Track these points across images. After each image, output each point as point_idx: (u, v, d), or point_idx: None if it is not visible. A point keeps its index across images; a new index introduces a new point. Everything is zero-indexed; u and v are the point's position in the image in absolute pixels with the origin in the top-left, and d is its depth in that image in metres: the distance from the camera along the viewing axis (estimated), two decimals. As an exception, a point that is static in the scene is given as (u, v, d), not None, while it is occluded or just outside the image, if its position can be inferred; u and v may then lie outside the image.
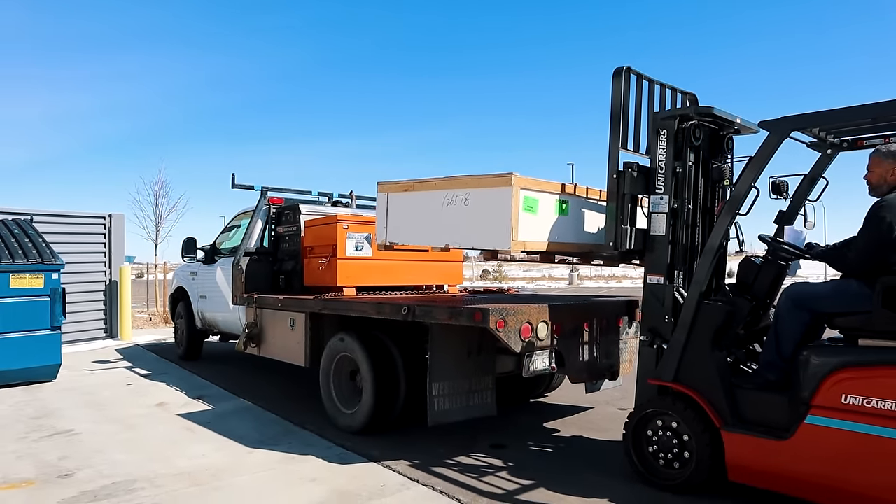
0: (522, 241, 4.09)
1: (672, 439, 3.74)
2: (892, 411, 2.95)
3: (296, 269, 6.75)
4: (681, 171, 3.95)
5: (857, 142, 3.89)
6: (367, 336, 5.03)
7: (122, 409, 5.90)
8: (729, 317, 3.69)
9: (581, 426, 5.27)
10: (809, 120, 3.55)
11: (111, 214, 11.08)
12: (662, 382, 3.81)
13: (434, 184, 4.54)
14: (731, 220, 3.77)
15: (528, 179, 4.12)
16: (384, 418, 4.92)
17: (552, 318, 4.18)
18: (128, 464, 4.27)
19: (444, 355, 4.43)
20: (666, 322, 3.87)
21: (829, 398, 3.14)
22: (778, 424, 3.36)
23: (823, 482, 3.17)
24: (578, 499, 3.66)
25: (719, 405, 3.56)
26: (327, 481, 3.94)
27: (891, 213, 3.25)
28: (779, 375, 3.52)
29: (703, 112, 3.89)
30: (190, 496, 3.69)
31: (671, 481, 3.71)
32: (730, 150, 4.19)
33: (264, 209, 7.12)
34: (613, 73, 4.10)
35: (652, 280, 3.97)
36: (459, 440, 4.79)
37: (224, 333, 8.10)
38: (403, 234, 4.85)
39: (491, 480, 3.97)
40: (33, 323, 6.96)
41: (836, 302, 3.42)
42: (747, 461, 3.44)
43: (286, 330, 5.98)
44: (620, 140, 4.10)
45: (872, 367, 3.07)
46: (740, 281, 3.96)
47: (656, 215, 3.96)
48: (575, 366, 4.56)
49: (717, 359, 3.64)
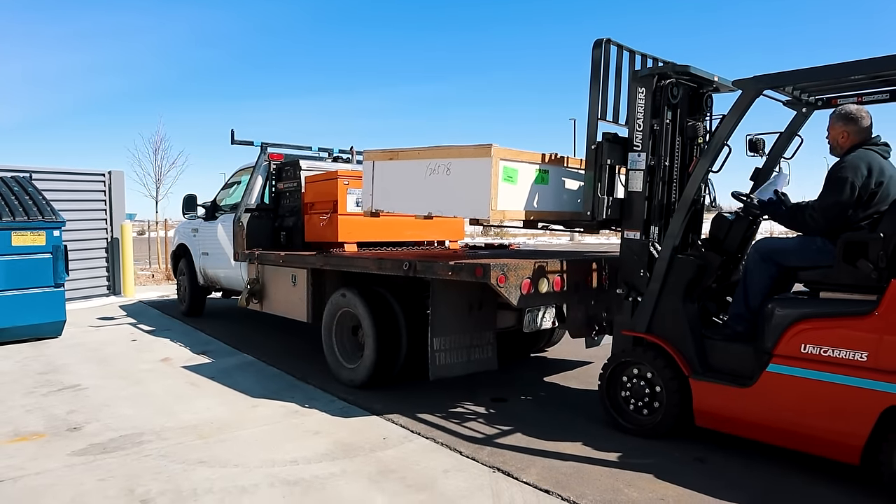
0: (502, 211, 4.16)
1: (644, 387, 3.93)
2: (845, 359, 3.12)
3: (297, 226, 6.73)
4: (658, 128, 4.03)
5: (830, 100, 3.95)
6: (369, 291, 5.05)
7: (128, 365, 5.98)
8: (700, 270, 3.83)
9: (581, 380, 5.33)
10: (780, 79, 3.60)
11: (111, 171, 11.01)
12: (636, 333, 3.97)
13: (418, 153, 4.62)
14: (704, 177, 3.86)
15: (507, 150, 4.17)
16: (386, 373, 4.98)
17: (553, 274, 4.19)
18: (134, 417, 4.34)
19: (445, 310, 4.45)
20: (641, 276, 4.01)
21: (789, 348, 3.31)
22: (742, 373, 3.55)
23: (782, 426, 3.36)
24: (578, 450, 3.73)
25: (688, 354, 3.74)
26: (331, 434, 4.01)
27: (849, 172, 3.35)
28: (746, 327, 3.68)
29: (681, 70, 3.97)
30: (196, 448, 3.76)
31: (642, 426, 3.92)
32: (709, 108, 4.28)
33: (264, 165, 7.06)
34: (593, 44, 4.17)
35: (628, 235, 4.11)
36: (460, 394, 4.86)
37: (226, 289, 8.14)
38: (389, 202, 4.93)
39: (491, 433, 4.04)
40: (37, 280, 6.99)
41: (801, 256, 3.57)
42: (713, 408, 3.63)
43: (288, 286, 6.00)
44: (599, 110, 4.19)
45: (829, 318, 3.23)
46: (713, 236, 4.08)
47: (633, 172, 4.08)
48: (575, 321, 4.60)
49: (687, 310, 3.80)
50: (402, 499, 3.10)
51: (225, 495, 3.13)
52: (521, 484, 3.26)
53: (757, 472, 3.41)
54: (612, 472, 3.42)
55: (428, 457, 3.64)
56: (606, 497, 3.11)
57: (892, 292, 3.00)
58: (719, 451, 3.67)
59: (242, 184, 7.49)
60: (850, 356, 3.10)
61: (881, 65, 3.25)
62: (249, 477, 3.35)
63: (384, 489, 3.21)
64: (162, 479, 3.32)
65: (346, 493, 3.17)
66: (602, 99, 4.17)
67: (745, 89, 3.60)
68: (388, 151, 4.90)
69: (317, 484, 3.26)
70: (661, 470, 3.42)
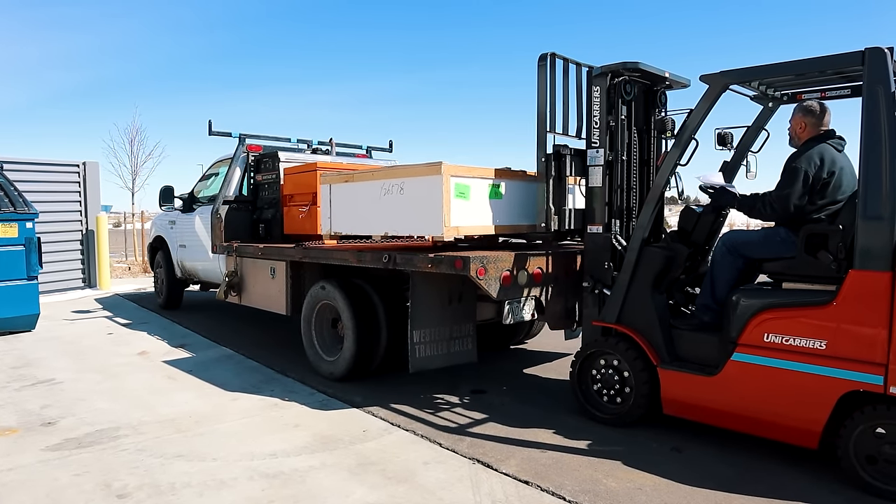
0: (455, 227, 4.22)
1: (613, 376, 4.01)
2: (805, 347, 3.23)
3: (276, 218, 6.68)
4: (614, 125, 4.15)
5: (796, 95, 4.03)
6: (348, 284, 5.04)
7: (104, 359, 5.90)
8: (668, 261, 3.91)
9: (560, 371, 5.37)
10: (744, 74, 3.69)
11: (85, 162, 10.82)
12: (606, 324, 4.04)
13: (372, 174, 4.76)
14: (672, 170, 3.94)
15: (458, 167, 4.24)
16: (366, 365, 4.98)
17: (532, 267, 4.22)
18: (111, 412, 4.29)
19: (425, 303, 4.46)
20: (606, 269, 4.10)
21: (753, 337, 3.41)
22: (708, 362, 3.64)
23: (746, 414, 3.45)
24: (558, 441, 3.76)
25: (657, 344, 3.82)
26: (310, 427, 4.00)
27: (803, 163, 3.47)
28: (713, 317, 3.77)
29: (631, 67, 4.05)
30: (174, 442, 3.73)
31: (612, 415, 4.01)
32: (663, 104, 4.44)
33: (243, 157, 6.99)
34: (538, 59, 4.33)
35: (592, 230, 4.20)
36: (440, 386, 4.88)
37: (204, 282, 8.07)
38: (346, 224, 4.99)
39: (471, 424, 4.06)
40: (9, 273, 6.87)
41: (765, 248, 3.66)
42: (680, 396, 3.72)
43: (267, 278, 5.96)
44: (549, 124, 4.32)
45: (791, 308, 3.32)
46: (681, 228, 4.19)
47: (593, 168, 4.20)
48: (554, 313, 4.62)
49: (656, 301, 3.88)
50: (381, 491, 3.11)
51: (203, 489, 3.11)
52: (500, 475, 3.29)
53: (730, 460, 3.47)
54: (591, 462, 3.46)
55: (408, 449, 3.65)
56: (585, 487, 3.15)
57: (849, 283, 3.11)
58: (694, 441, 3.73)
59: (220, 175, 7.41)
60: (810, 344, 3.20)
61: (840, 61, 3.32)
62: (228, 470, 3.33)
63: (364, 481, 3.21)
64: (139, 473, 3.29)
65: (325, 485, 3.17)
66: (550, 111, 4.34)
67: (712, 84, 3.66)
68: (344, 174, 5.06)
69: (296, 477, 3.26)
70: (639, 460, 3.47)
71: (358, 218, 4.86)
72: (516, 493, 3.09)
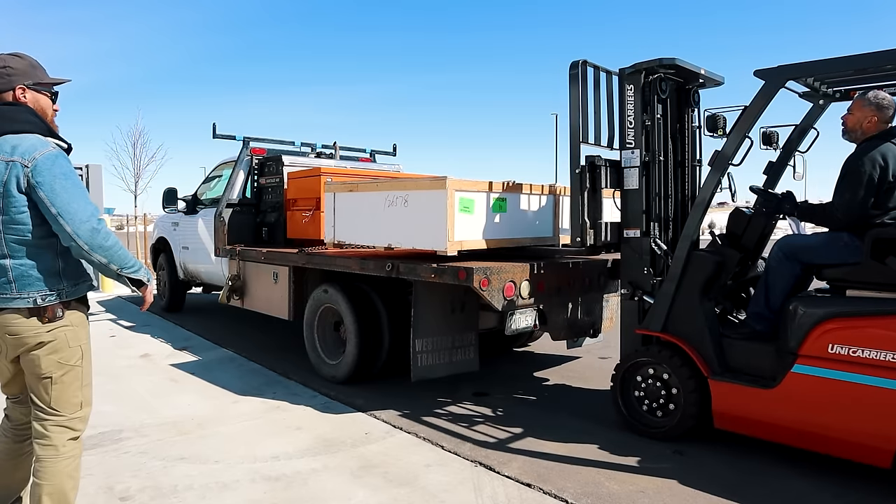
0: (459, 241, 4.19)
1: (659, 388, 3.82)
2: (876, 360, 3.01)
3: (279, 221, 6.68)
4: (649, 124, 3.98)
5: (849, 92, 3.87)
6: (351, 288, 5.04)
7: (107, 361, 5.90)
8: (718, 267, 3.72)
9: (563, 375, 5.37)
10: (805, 69, 3.50)
11: (88, 165, 10.86)
12: (651, 332, 3.86)
13: (376, 185, 4.75)
14: (724, 171, 3.72)
15: (462, 181, 4.20)
16: (368, 369, 4.98)
17: (535, 278, 4.19)
18: (114, 414, 4.30)
19: (427, 312, 4.44)
20: (645, 273, 3.94)
21: (815, 348, 3.20)
22: (765, 373, 3.44)
23: (808, 429, 3.26)
24: (560, 445, 3.76)
25: (707, 354, 3.62)
26: (312, 429, 4.00)
27: (867, 165, 3.27)
28: (766, 326, 3.57)
29: (668, 64, 3.89)
30: (176, 445, 3.74)
31: (657, 428, 3.81)
32: (696, 102, 4.25)
33: (246, 160, 7.00)
34: (570, 66, 4.11)
35: (629, 234, 4.04)
36: (443, 389, 4.87)
37: (207, 284, 8.08)
38: (350, 234, 4.96)
39: (474, 427, 4.06)
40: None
41: (827, 254, 3.45)
42: (733, 409, 3.52)
43: (269, 283, 5.96)
44: (581, 134, 4.11)
45: (859, 318, 3.13)
46: (730, 231, 3.99)
47: (629, 170, 4.02)
48: (557, 324, 4.61)
49: (706, 309, 3.69)
50: (383, 493, 3.11)
51: (206, 491, 3.12)
52: (502, 478, 3.29)
53: (734, 465, 3.46)
54: (593, 465, 3.46)
55: (410, 451, 3.65)
56: (587, 490, 3.15)
57: None
58: (697, 445, 3.71)
59: (224, 178, 7.42)
60: (882, 357, 2.99)
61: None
62: (230, 473, 3.33)
63: (366, 484, 3.21)
64: (142, 475, 3.30)
65: (327, 487, 3.17)
66: (583, 122, 4.12)
67: (769, 79, 3.49)
68: (348, 184, 5.05)
69: (298, 479, 3.26)
70: (642, 463, 3.47)
71: (361, 228, 4.83)
72: (518, 495, 3.09)
